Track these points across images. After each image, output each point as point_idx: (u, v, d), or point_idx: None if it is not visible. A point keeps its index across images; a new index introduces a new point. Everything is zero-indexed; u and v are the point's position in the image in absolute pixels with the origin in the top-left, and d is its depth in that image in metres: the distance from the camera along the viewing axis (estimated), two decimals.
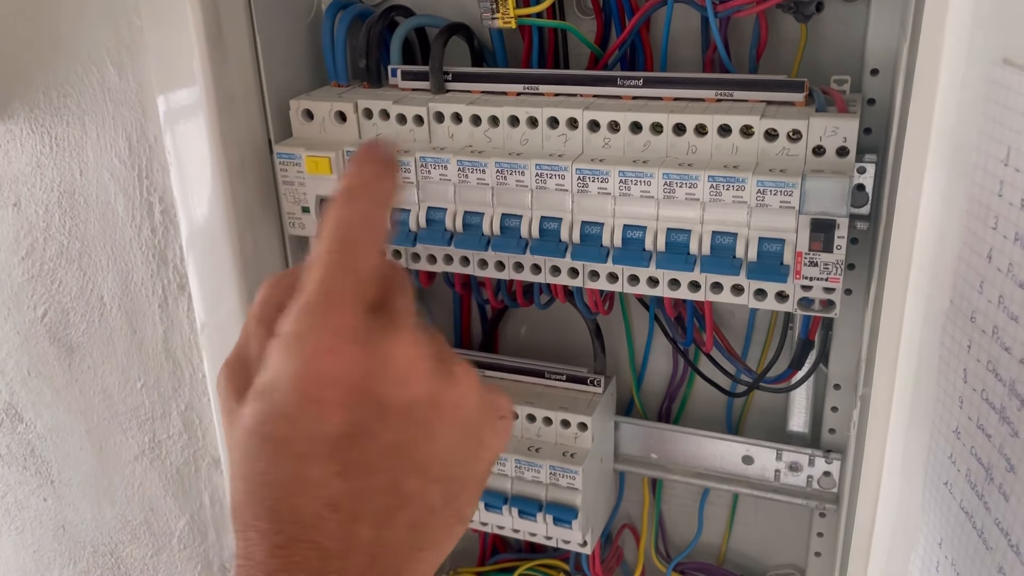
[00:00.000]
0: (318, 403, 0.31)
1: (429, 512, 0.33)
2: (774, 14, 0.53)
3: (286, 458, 0.31)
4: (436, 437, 0.33)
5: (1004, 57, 0.36)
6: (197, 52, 0.54)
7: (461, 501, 0.35)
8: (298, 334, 0.31)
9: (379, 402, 0.31)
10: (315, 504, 0.31)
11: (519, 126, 0.52)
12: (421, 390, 0.32)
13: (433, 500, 0.33)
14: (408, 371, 0.32)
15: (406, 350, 0.32)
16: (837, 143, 0.46)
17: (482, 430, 0.35)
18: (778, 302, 0.49)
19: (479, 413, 0.35)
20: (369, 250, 0.32)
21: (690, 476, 0.64)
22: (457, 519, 0.35)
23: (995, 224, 0.38)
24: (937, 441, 0.44)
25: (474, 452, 0.35)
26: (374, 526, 0.32)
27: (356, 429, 0.31)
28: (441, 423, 0.33)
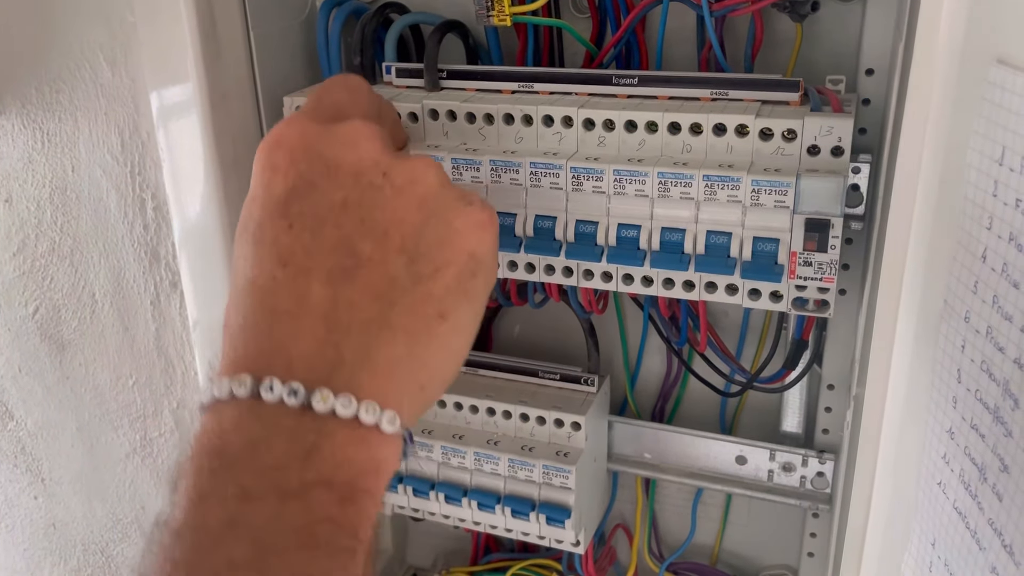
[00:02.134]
0: (271, 169, 0.32)
1: (390, 282, 0.32)
2: (769, 13, 0.53)
3: (244, 232, 0.32)
4: (389, 204, 0.33)
5: (998, 57, 0.36)
6: (190, 48, 0.53)
7: (434, 286, 0.33)
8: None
9: (325, 160, 0.32)
10: (268, 264, 0.31)
11: (514, 124, 0.51)
12: (368, 155, 0.33)
13: (395, 271, 0.32)
14: (355, 138, 0.33)
15: (356, 124, 0.33)
16: (832, 143, 0.46)
17: (447, 212, 0.34)
18: (772, 302, 0.49)
19: (439, 192, 0.34)
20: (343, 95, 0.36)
21: (683, 476, 0.64)
22: (435, 309, 0.33)
23: (989, 224, 0.38)
24: (931, 441, 0.44)
25: (441, 233, 0.33)
26: (327, 283, 0.31)
27: (303, 182, 0.32)
28: (393, 191, 0.33)
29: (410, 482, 0.61)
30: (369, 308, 0.31)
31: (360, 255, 0.31)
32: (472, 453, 0.60)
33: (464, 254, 0.34)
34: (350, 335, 0.30)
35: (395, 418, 0.30)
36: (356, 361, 0.30)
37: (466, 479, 0.61)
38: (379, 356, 0.31)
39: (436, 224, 0.33)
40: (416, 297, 0.32)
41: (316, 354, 0.30)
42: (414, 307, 0.32)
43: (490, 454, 0.60)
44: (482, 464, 0.60)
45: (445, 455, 0.61)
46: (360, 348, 0.30)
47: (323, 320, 0.30)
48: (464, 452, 0.61)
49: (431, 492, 0.61)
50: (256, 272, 0.31)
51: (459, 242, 0.34)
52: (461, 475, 0.61)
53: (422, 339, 0.32)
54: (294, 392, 0.29)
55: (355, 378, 0.30)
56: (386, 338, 0.31)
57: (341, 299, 0.30)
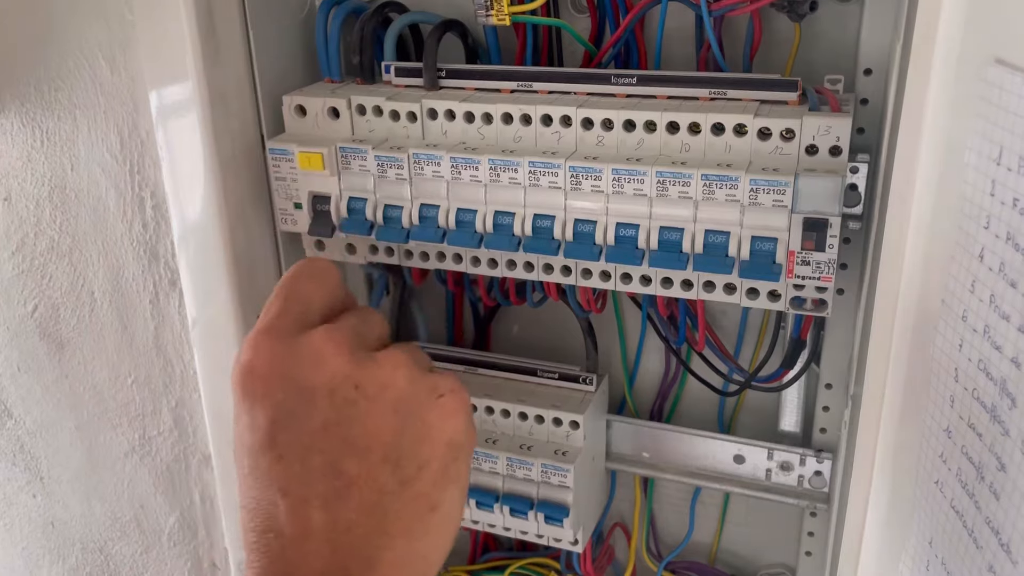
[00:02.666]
0: (249, 396, 0.34)
1: (380, 494, 0.34)
2: (768, 13, 0.53)
3: (242, 454, 0.35)
4: (366, 417, 0.35)
5: (996, 56, 0.37)
6: (190, 47, 0.53)
7: (423, 484, 0.35)
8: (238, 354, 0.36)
9: (299, 386, 0.34)
10: (269, 492, 0.34)
11: (513, 123, 0.51)
12: (338, 371, 0.35)
13: (383, 481, 0.34)
14: (321, 354, 0.35)
15: (319, 337, 0.35)
16: (830, 142, 0.46)
17: (421, 410, 0.36)
18: (770, 301, 0.50)
19: (411, 393, 0.36)
20: (307, 282, 0.37)
21: (682, 475, 0.65)
22: (426, 504, 0.35)
23: (987, 223, 0.38)
24: (928, 440, 0.44)
25: (419, 432, 0.36)
26: (324, 508, 0.33)
27: (283, 413, 0.34)
28: (368, 403, 0.35)
29: None
30: (366, 523, 0.34)
31: (348, 474, 0.34)
32: None
33: (442, 446, 0.36)
34: (353, 552, 0.33)
35: None
36: (362, 570, 0.33)
37: None
38: (382, 563, 0.34)
39: (412, 425, 0.36)
40: (406, 499, 0.35)
41: (325, 572, 0.33)
42: (405, 509, 0.35)
43: (488, 453, 0.60)
44: (480, 463, 0.60)
45: None
46: (364, 560, 0.34)
47: (326, 543, 0.33)
48: None
49: None
50: (260, 497, 0.34)
51: (436, 436, 0.36)
52: None
53: (418, 534, 0.35)
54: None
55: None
56: (385, 544, 0.34)
57: (340, 521, 0.33)
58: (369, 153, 0.53)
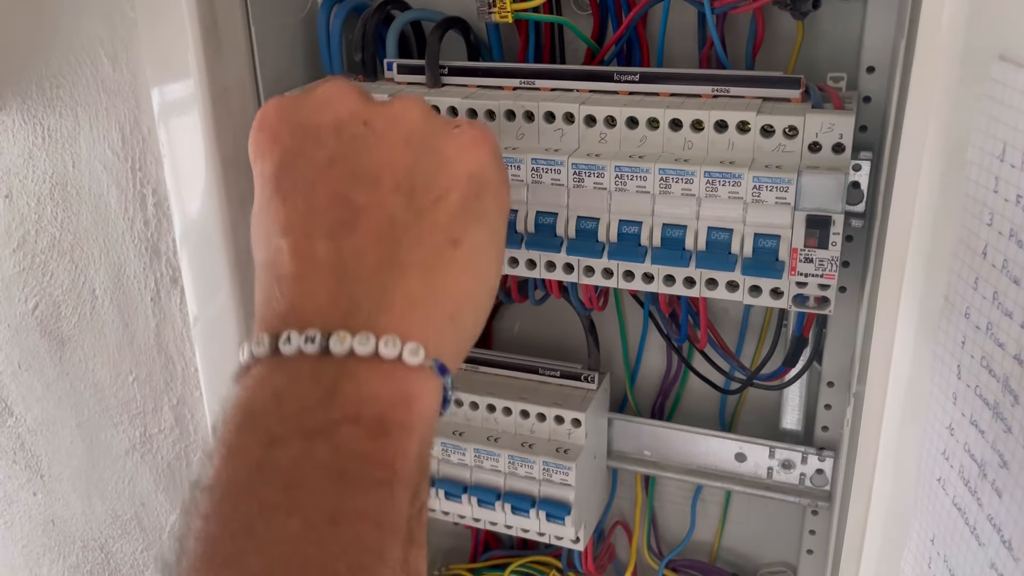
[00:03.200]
0: (258, 153, 0.34)
1: (392, 223, 0.32)
2: (771, 11, 0.53)
3: (256, 212, 0.34)
4: (375, 149, 0.33)
5: (1001, 53, 0.37)
6: (191, 44, 0.53)
7: (440, 215, 0.33)
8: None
9: (304, 126, 0.33)
10: (273, 237, 0.32)
11: (515, 120, 0.51)
12: (345, 107, 0.34)
13: (395, 211, 0.32)
14: (328, 98, 0.34)
15: (327, 85, 0.34)
16: (833, 140, 0.46)
17: (436, 141, 0.34)
18: (773, 299, 0.49)
19: (424, 125, 0.34)
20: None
21: (683, 473, 0.65)
22: (444, 237, 0.33)
23: (990, 220, 0.38)
24: (930, 437, 0.44)
25: (434, 163, 0.34)
26: (329, 238, 0.31)
27: (288, 155, 0.33)
28: (376, 136, 0.33)
29: None
30: (375, 253, 0.31)
31: (356, 205, 0.32)
32: (472, 450, 0.60)
33: (462, 177, 0.34)
34: (361, 282, 0.30)
35: (418, 348, 0.30)
36: (372, 304, 0.30)
37: (466, 475, 0.61)
38: (395, 295, 0.31)
39: (427, 156, 0.33)
40: (422, 231, 0.32)
41: (330, 305, 0.30)
42: (421, 240, 0.32)
43: (490, 451, 0.60)
44: (482, 461, 0.60)
45: (445, 452, 0.61)
46: (374, 291, 0.30)
47: (332, 274, 0.30)
48: (464, 449, 0.61)
49: (431, 489, 0.61)
50: (264, 250, 0.32)
51: (454, 167, 0.34)
52: (461, 471, 0.61)
53: (438, 269, 0.32)
54: (311, 339, 0.29)
55: (372, 318, 0.30)
56: (399, 276, 0.31)
57: (346, 250, 0.31)
58: None
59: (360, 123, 0.33)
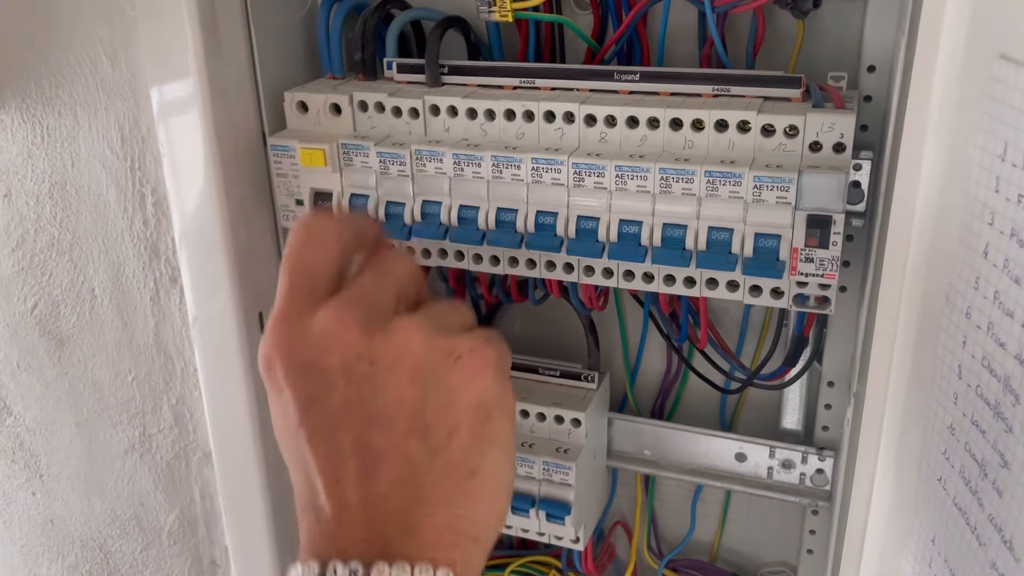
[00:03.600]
0: (275, 385, 0.35)
1: (413, 465, 0.34)
2: (771, 10, 0.53)
3: (282, 439, 0.36)
4: (386, 389, 0.34)
5: (1002, 52, 0.36)
6: (191, 43, 0.53)
7: (455, 452, 0.35)
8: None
9: (315, 369, 0.34)
10: (305, 474, 0.34)
11: (515, 120, 0.51)
12: (349, 349, 0.34)
13: (412, 453, 0.34)
14: (331, 337, 0.35)
15: (328, 318, 0.35)
16: (834, 139, 0.46)
17: (440, 374, 0.35)
18: (773, 298, 0.49)
19: (427, 358, 0.35)
20: (310, 253, 0.37)
21: (683, 473, 0.64)
22: (462, 471, 0.35)
23: (991, 220, 0.38)
24: (931, 437, 0.44)
25: (443, 398, 0.35)
26: (357, 485, 0.33)
27: (306, 397, 0.34)
28: (385, 375, 0.34)
29: None
30: (400, 496, 0.34)
31: (377, 451, 0.34)
32: None
33: (470, 409, 0.36)
34: (390, 524, 0.33)
35: (448, 573, 0.33)
36: (402, 541, 0.33)
37: None
38: (423, 530, 0.33)
39: (434, 391, 0.35)
40: (440, 468, 0.34)
41: (366, 541, 0.33)
42: (440, 478, 0.34)
43: None
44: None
45: None
46: (402, 530, 0.33)
47: (364, 518, 0.33)
48: None
49: None
50: (299, 479, 0.35)
51: (461, 398, 0.35)
52: None
53: (459, 502, 0.35)
54: (354, 572, 0.32)
55: (405, 550, 0.33)
56: (424, 513, 0.34)
57: (374, 496, 0.33)
58: (371, 149, 0.53)
59: (366, 363, 0.34)
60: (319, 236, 0.38)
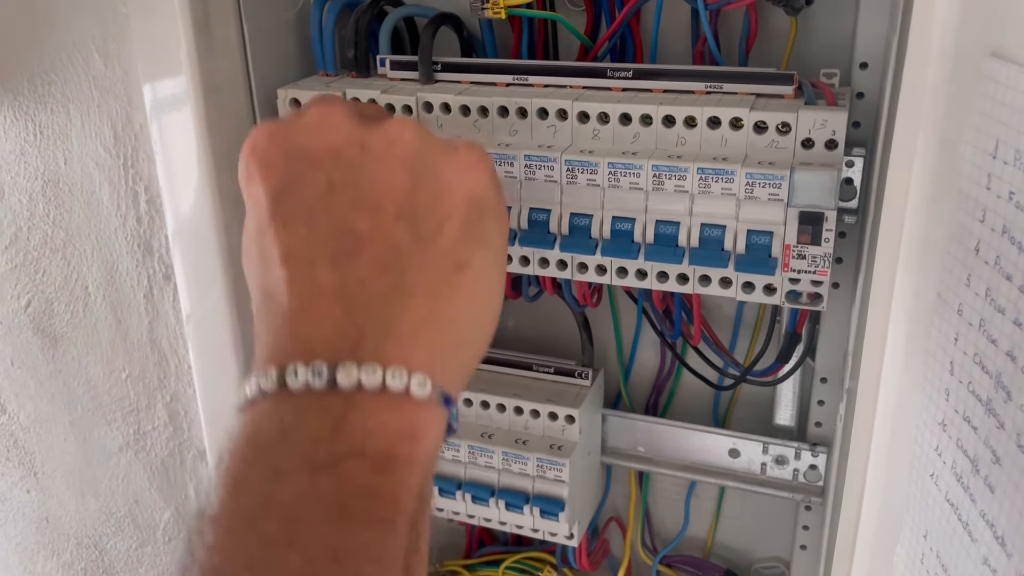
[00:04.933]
0: (250, 179, 0.33)
1: (397, 251, 0.31)
2: (764, 7, 0.53)
3: (250, 246, 0.33)
4: (374, 174, 0.32)
5: (993, 50, 0.37)
6: (184, 40, 0.53)
7: (444, 241, 0.32)
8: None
9: (299, 152, 0.33)
10: (273, 266, 0.31)
11: (508, 117, 0.51)
12: (340, 133, 0.33)
13: (399, 238, 0.32)
14: (321, 121, 0.33)
15: (319, 107, 0.34)
16: (826, 136, 0.46)
17: (434, 165, 0.33)
18: (766, 295, 0.50)
19: (421, 147, 0.33)
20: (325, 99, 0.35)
21: (677, 469, 0.65)
22: (449, 262, 0.32)
23: (983, 217, 0.38)
24: (923, 433, 0.44)
25: (434, 188, 0.33)
26: (332, 267, 0.31)
27: (286, 180, 0.32)
28: (374, 161, 0.33)
29: None
30: (381, 281, 0.31)
31: (359, 233, 0.31)
32: (466, 446, 0.60)
33: (462, 201, 0.33)
34: (367, 310, 0.30)
35: (425, 380, 0.30)
36: (378, 333, 0.30)
37: (460, 472, 0.61)
38: (401, 323, 0.30)
39: (426, 180, 0.33)
40: (426, 257, 0.32)
41: (336, 336, 0.30)
42: (426, 267, 0.32)
43: (484, 447, 0.60)
44: (476, 457, 0.60)
45: None
46: (380, 320, 0.30)
47: (338, 303, 0.30)
48: (458, 445, 0.61)
49: None
50: (265, 278, 0.32)
51: (454, 191, 0.33)
52: (455, 468, 0.61)
53: (443, 296, 0.32)
54: (318, 373, 0.29)
55: (379, 349, 0.30)
56: (405, 304, 0.31)
57: (350, 279, 0.30)
58: None
59: (357, 147, 0.33)
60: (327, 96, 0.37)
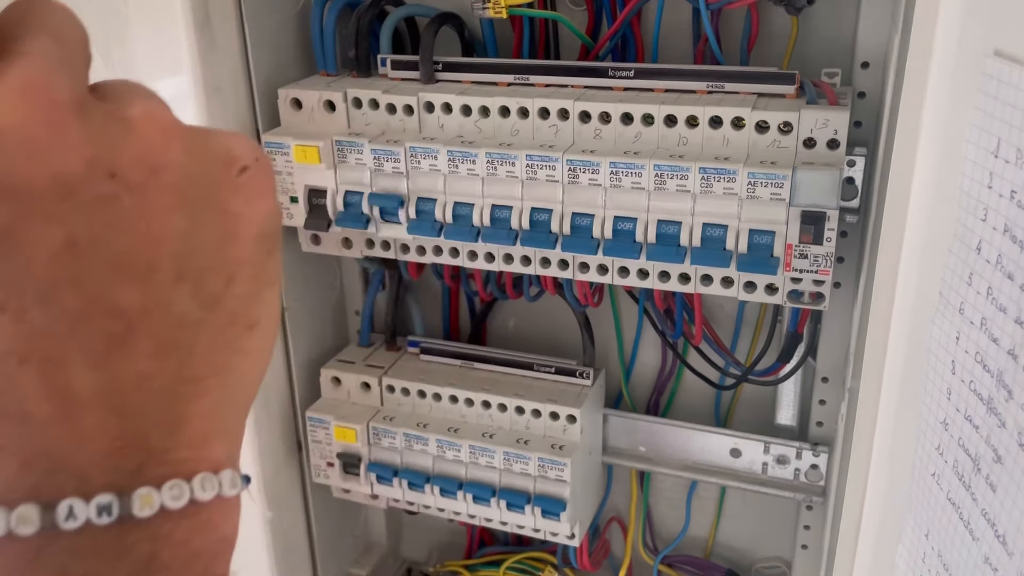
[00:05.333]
0: None
1: (181, 327, 0.22)
2: (765, 6, 0.53)
3: None
4: (136, 219, 0.21)
5: (995, 49, 0.37)
6: (185, 41, 0.53)
7: (233, 301, 0.24)
8: None
9: (12, 189, 0.20)
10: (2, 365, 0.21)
11: (510, 116, 0.51)
12: (72, 151, 0.20)
13: (180, 309, 0.22)
14: (39, 129, 0.20)
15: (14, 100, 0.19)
16: (828, 135, 0.46)
17: (216, 192, 0.23)
18: (767, 294, 0.50)
19: (196, 168, 0.23)
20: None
21: (678, 469, 0.65)
22: (242, 324, 0.24)
23: (984, 216, 0.38)
24: (925, 432, 0.44)
25: (219, 228, 0.23)
26: (94, 366, 0.21)
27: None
28: (134, 197, 0.21)
29: (405, 475, 0.62)
30: (165, 371, 0.23)
31: (127, 312, 0.22)
32: (467, 446, 0.60)
33: (253, 241, 0.24)
34: (148, 412, 0.22)
35: (234, 476, 0.24)
36: (166, 436, 0.23)
37: (461, 472, 0.61)
38: (192, 417, 0.23)
39: (208, 219, 0.23)
40: (215, 327, 0.24)
41: (114, 451, 0.22)
42: (216, 338, 0.24)
43: (485, 447, 0.60)
44: (477, 457, 0.60)
45: (440, 448, 0.61)
46: (166, 419, 0.23)
47: (109, 411, 0.22)
48: (459, 445, 0.61)
49: (426, 485, 0.61)
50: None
51: (242, 229, 0.24)
52: (456, 468, 0.61)
53: (235, 366, 0.25)
54: (105, 508, 0.21)
55: (174, 455, 0.23)
56: (194, 391, 0.23)
57: (125, 378, 0.22)
58: (365, 147, 0.53)
59: (103, 175, 0.21)
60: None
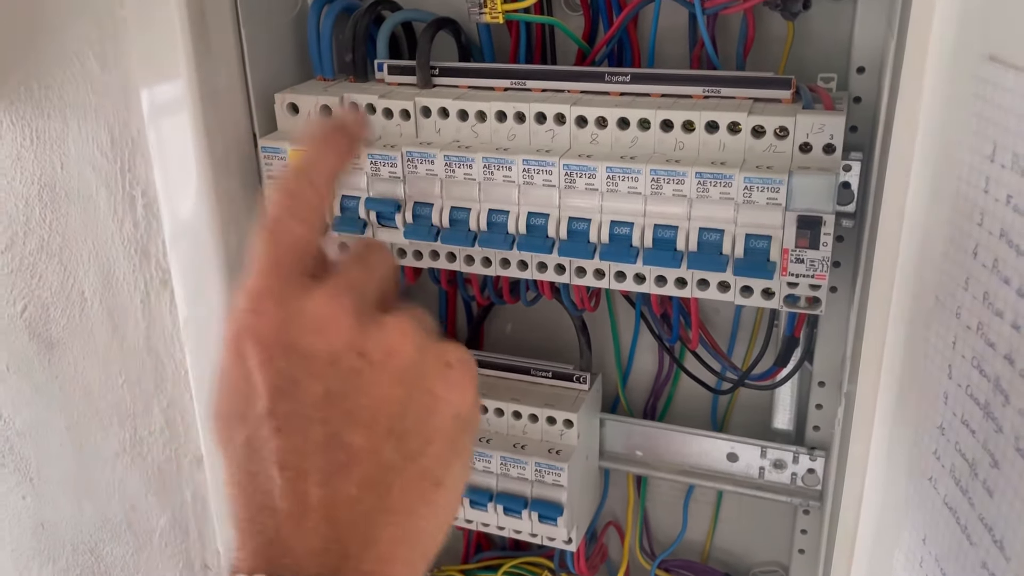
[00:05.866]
0: (242, 361, 0.32)
1: (385, 469, 0.32)
2: (761, 11, 0.53)
3: (235, 424, 0.33)
4: (371, 387, 0.32)
5: (991, 54, 0.37)
6: (181, 45, 0.53)
7: (427, 460, 0.33)
8: (231, 307, 0.33)
9: (301, 353, 0.32)
10: (266, 466, 0.31)
11: (506, 121, 0.51)
12: (341, 338, 0.32)
13: (387, 456, 0.32)
14: (326, 320, 0.32)
15: (323, 301, 0.32)
16: (824, 140, 0.46)
17: (428, 380, 0.34)
18: (764, 299, 0.50)
19: (418, 361, 0.34)
20: (296, 225, 0.34)
21: (675, 473, 0.65)
22: (430, 481, 0.33)
23: (980, 220, 0.38)
24: (922, 437, 0.44)
25: (426, 404, 0.34)
26: (322, 483, 0.31)
27: (283, 381, 0.32)
28: (373, 372, 0.33)
29: None
30: (367, 500, 0.32)
31: (352, 449, 0.32)
32: None
33: (449, 419, 0.34)
34: (352, 527, 0.31)
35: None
36: (360, 550, 0.31)
37: None
38: (381, 540, 0.32)
39: (419, 396, 0.33)
40: (410, 476, 0.33)
41: (323, 551, 0.31)
42: (409, 487, 0.33)
43: (482, 451, 0.60)
44: (474, 462, 0.60)
45: None
46: (362, 537, 0.31)
47: (325, 520, 0.31)
48: None
49: None
50: (256, 472, 0.32)
51: (443, 409, 0.34)
52: None
53: (420, 513, 0.33)
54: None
55: (365, 566, 0.31)
56: (387, 521, 0.32)
57: (340, 497, 0.31)
58: (362, 151, 0.53)
59: (356, 354, 0.32)
60: (304, 202, 0.35)
